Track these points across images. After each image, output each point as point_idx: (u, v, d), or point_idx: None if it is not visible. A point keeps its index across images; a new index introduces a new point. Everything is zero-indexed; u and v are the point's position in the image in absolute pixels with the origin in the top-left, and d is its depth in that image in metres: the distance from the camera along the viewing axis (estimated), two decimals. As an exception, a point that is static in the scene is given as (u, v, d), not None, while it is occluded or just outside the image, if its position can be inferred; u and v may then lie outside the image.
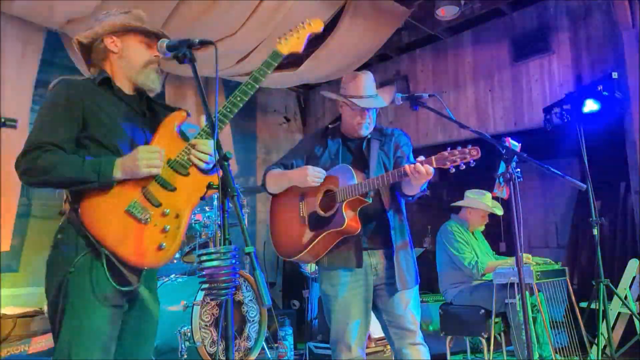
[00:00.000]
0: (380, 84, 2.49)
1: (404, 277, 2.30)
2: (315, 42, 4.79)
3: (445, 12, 4.68)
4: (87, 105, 1.67)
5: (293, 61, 5.22)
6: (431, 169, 2.03)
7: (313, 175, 2.27)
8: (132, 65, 1.79)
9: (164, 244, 1.62)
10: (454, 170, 2.01)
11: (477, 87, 5.29)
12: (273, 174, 2.45)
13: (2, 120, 2.90)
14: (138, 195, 1.64)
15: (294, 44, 1.96)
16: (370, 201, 2.26)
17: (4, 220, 3.76)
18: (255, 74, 1.85)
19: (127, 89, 1.82)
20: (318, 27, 2.02)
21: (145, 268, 1.64)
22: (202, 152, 1.72)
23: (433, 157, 2.05)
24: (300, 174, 2.30)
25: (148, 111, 1.87)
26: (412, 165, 2.04)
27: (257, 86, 1.84)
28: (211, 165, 1.73)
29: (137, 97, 1.85)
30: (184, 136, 1.81)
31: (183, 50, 1.58)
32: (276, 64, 1.89)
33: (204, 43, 1.59)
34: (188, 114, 1.85)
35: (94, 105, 1.68)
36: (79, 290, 1.57)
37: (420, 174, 2.03)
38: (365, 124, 2.38)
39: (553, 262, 3.74)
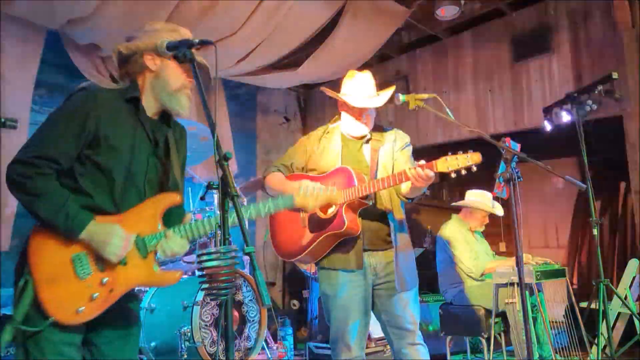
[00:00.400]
0: (380, 84, 2.48)
1: (403, 278, 2.30)
2: (315, 42, 4.80)
3: (445, 12, 4.68)
4: (103, 124, 1.63)
5: (293, 61, 5.22)
6: (432, 173, 2.03)
7: (311, 190, 2.25)
8: (166, 86, 1.74)
9: (83, 309, 1.55)
10: (455, 175, 2.01)
11: (477, 87, 5.29)
12: (273, 179, 2.43)
13: (2, 120, 2.90)
14: (90, 250, 1.59)
15: (311, 203, 2.00)
16: (371, 203, 2.26)
17: (4, 220, 3.76)
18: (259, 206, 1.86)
19: (153, 110, 1.77)
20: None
21: (50, 317, 1.54)
22: (169, 247, 1.66)
23: (434, 162, 2.04)
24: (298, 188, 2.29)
25: (163, 142, 1.81)
26: (413, 170, 2.04)
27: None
28: (167, 261, 1.70)
29: (158, 123, 1.80)
30: (165, 218, 1.74)
31: (183, 50, 1.58)
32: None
33: (204, 43, 1.59)
34: (183, 204, 1.80)
35: (109, 124, 1.64)
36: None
37: (422, 178, 2.03)
38: (362, 124, 2.37)
39: (553, 262, 3.74)
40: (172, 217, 1.76)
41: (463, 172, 2.00)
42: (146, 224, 1.68)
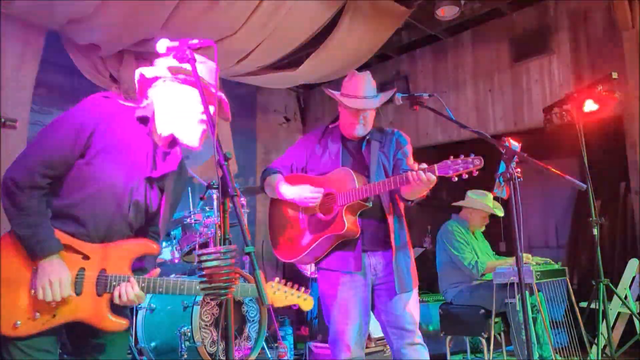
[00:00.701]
0: (380, 84, 2.47)
1: (403, 280, 2.29)
2: (315, 42, 4.79)
3: (445, 12, 4.68)
4: (102, 136, 1.63)
5: (293, 61, 5.22)
6: (433, 177, 2.03)
7: (310, 196, 2.26)
8: (181, 114, 1.75)
9: (19, 324, 1.55)
10: (456, 179, 2.01)
11: (477, 87, 5.29)
12: (272, 182, 2.43)
13: (2, 120, 2.90)
14: None
15: (278, 298, 1.94)
16: (371, 205, 2.25)
17: (4, 220, 3.76)
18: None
19: (162, 134, 1.77)
20: (307, 307, 1.98)
21: None
22: (125, 293, 1.65)
23: (436, 166, 2.03)
24: (298, 192, 2.29)
25: (164, 175, 1.81)
26: (414, 173, 2.03)
27: None
28: (120, 306, 1.68)
29: (164, 152, 1.80)
30: (135, 268, 1.74)
31: (183, 50, 1.58)
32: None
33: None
34: (158, 256, 1.82)
35: (109, 138, 1.64)
36: None
37: (422, 182, 2.03)
38: (359, 125, 2.36)
39: (553, 262, 3.74)
40: (143, 265, 1.78)
41: (465, 175, 2.00)
42: (116, 263, 1.68)
